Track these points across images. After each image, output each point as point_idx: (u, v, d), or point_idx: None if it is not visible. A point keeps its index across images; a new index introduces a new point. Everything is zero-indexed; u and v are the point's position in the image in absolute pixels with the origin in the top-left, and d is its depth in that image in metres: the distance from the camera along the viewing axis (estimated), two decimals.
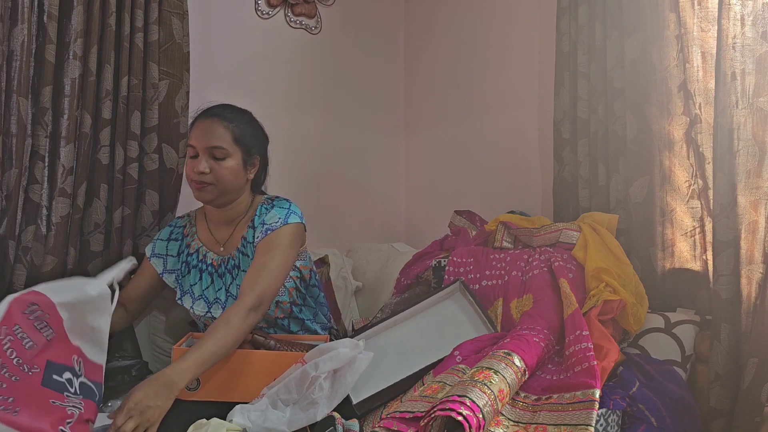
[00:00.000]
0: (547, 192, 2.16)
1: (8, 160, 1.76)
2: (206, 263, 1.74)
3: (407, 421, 1.28)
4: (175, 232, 1.83)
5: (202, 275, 1.75)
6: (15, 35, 1.75)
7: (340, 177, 2.55)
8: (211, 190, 1.63)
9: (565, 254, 1.74)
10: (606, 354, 1.43)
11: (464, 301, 1.71)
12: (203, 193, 1.64)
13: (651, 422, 1.39)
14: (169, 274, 1.79)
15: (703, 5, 1.67)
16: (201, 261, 1.75)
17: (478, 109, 2.48)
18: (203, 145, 1.62)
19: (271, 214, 1.67)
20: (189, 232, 1.81)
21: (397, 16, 2.79)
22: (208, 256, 1.75)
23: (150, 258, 1.80)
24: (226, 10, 2.33)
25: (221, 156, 1.62)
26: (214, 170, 1.62)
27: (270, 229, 1.64)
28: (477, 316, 1.67)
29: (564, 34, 2.01)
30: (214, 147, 1.62)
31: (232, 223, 1.74)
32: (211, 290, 1.73)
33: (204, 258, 1.75)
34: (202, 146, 1.62)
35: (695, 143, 1.69)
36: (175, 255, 1.80)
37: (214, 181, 1.62)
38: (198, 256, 1.76)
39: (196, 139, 1.64)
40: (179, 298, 1.76)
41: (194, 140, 1.64)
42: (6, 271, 1.79)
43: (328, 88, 2.59)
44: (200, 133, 1.63)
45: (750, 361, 1.46)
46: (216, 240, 1.75)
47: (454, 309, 1.70)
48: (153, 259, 1.80)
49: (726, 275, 1.52)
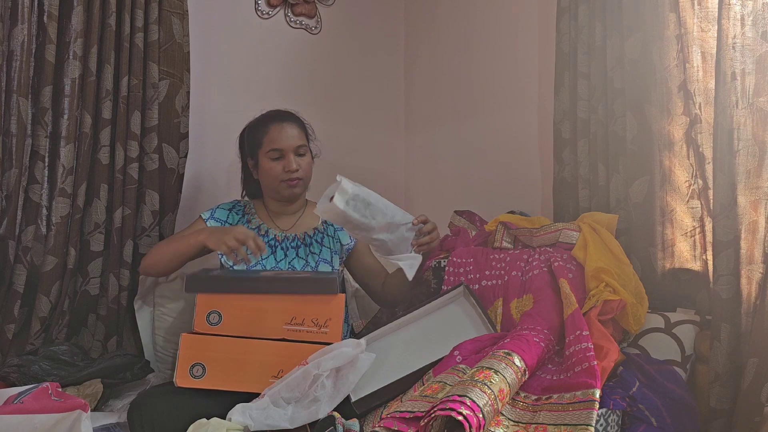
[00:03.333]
0: (547, 192, 2.15)
1: (8, 160, 1.76)
2: (268, 237, 1.84)
3: (407, 421, 1.28)
4: (236, 207, 1.91)
5: None
6: (15, 35, 1.75)
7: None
8: (301, 185, 1.84)
9: (564, 254, 1.73)
10: (606, 354, 1.43)
11: (468, 305, 1.70)
12: (295, 189, 1.83)
13: (651, 422, 1.39)
14: None
15: (703, 5, 1.67)
16: (263, 235, 1.85)
17: (478, 109, 2.48)
18: (291, 146, 1.81)
19: None
20: (249, 211, 1.91)
21: (397, 16, 2.79)
22: (270, 231, 1.86)
23: (207, 220, 1.85)
24: (226, 10, 2.33)
25: (303, 153, 1.83)
26: (301, 166, 1.82)
27: None
28: (480, 320, 1.67)
29: (564, 34, 2.00)
30: (299, 146, 1.82)
31: (294, 214, 1.91)
32: (271, 260, 1.82)
33: (266, 233, 1.85)
34: (290, 147, 1.80)
35: (695, 143, 1.69)
36: (235, 223, 1.85)
37: (302, 176, 1.83)
38: (260, 231, 1.85)
39: (282, 141, 1.80)
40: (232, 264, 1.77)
41: (280, 143, 1.80)
42: (6, 271, 1.80)
43: (328, 88, 2.58)
44: (285, 135, 1.81)
45: (750, 361, 1.46)
46: (276, 225, 1.88)
47: (458, 313, 1.69)
48: (210, 221, 1.85)
49: (726, 275, 1.51)
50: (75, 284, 1.92)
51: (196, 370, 1.46)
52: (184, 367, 1.48)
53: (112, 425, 1.53)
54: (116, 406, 1.70)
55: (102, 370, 1.69)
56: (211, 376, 1.48)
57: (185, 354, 1.49)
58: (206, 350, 1.50)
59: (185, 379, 1.46)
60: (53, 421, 1.30)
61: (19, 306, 1.80)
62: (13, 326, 1.78)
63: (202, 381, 1.48)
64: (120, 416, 1.57)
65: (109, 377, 1.70)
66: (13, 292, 1.79)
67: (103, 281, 1.96)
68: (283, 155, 1.80)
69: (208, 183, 2.26)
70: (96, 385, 1.65)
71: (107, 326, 1.96)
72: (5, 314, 1.79)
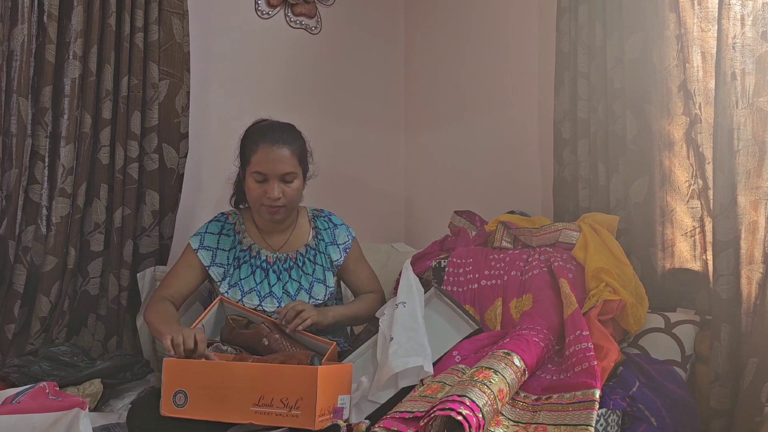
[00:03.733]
0: (547, 192, 2.15)
1: (8, 160, 1.76)
2: (260, 259, 1.79)
3: (407, 421, 1.28)
4: (226, 227, 1.83)
5: (255, 270, 1.78)
6: (15, 35, 1.75)
7: (340, 177, 2.55)
8: (283, 211, 1.74)
9: (564, 254, 1.73)
10: (606, 354, 1.43)
11: (442, 305, 1.68)
12: (276, 215, 1.74)
13: (651, 422, 1.39)
14: (217, 267, 1.78)
15: (703, 5, 1.67)
16: (254, 257, 1.79)
17: (478, 109, 2.48)
18: (277, 172, 1.69)
19: (338, 232, 1.87)
20: (240, 229, 1.83)
21: (397, 16, 2.79)
22: (261, 252, 1.80)
23: (197, 250, 1.78)
24: (226, 10, 2.33)
25: (290, 179, 1.72)
26: (285, 193, 1.71)
27: (347, 248, 1.86)
28: (459, 317, 1.66)
29: (564, 33, 2.00)
30: (286, 173, 1.70)
31: (285, 231, 1.83)
32: (264, 285, 1.77)
33: (258, 254, 1.79)
34: (275, 173, 1.69)
35: (695, 143, 1.69)
36: (227, 249, 1.80)
37: (285, 203, 1.72)
38: (251, 252, 1.80)
39: (266, 166, 1.69)
40: (225, 291, 1.76)
41: (265, 167, 1.69)
42: (6, 271, 1.80)
43: (328, 88, 2.58)
44: (270, 161, 1.69)
45: (750, 361, 1.46)
46: (268, 244, 1.82)
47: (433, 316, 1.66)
48: (201, 251, 1.78)
49: (726, 275, 1.51)
50: (75, 284, 1.92)
51: (179, 398, 1.39)
52: (167, 395, 1.40)
53: (112, 425, 1.52)
54: (116, 406, 1.70)
55: (102, 370, 1.69)
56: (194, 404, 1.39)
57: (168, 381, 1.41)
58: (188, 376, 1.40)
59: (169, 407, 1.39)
60: (51, 419, 1.29)
61: (19, 306, 1.80)
62: (13, 326, 1.78)
63: (184, 410, 1.39)
64: (120, 416, 1.57)
65: (109, 377, 1.70)
66: (13, 292, 1.79)
67: (103, 281, 1.96)
68: (266, 179, 1.70)
69: (208, 183, 2.26)
70: (96, 385, 1.65)
71: (107, 326, 1.96)
72: (5, 314, 1.79)
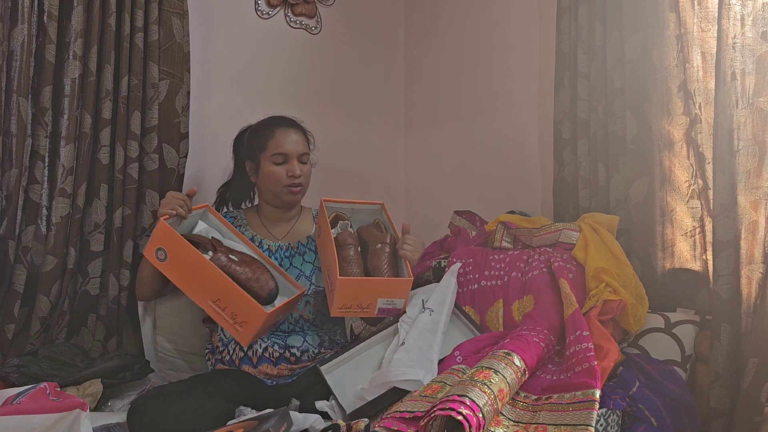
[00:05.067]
0: (547, 192, 2.15)
1: (8, 160, 1.76)
2: (262, 248, 1.84)
3: (407, 421, 1.28)
4: (228, 218, 1.89)
5: None
6: (15, 35, 1.75)
7: (340, 177, 2.55)
8: (302, 191, 1.86)
9: (564, 254, 1.73)
10: (606, 354, 1.43)
11: None
12: (297, 195, 1.85)
13: (651, 422, 1.39)
14: None
15: (703, 5, 1.67)
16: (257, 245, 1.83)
17: (478, 109, 2.48)
18: (296, 152, 1.83)
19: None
20: (242, 223, 1.89)
21: (397, 16, 2.79)
22: (264, 242, 1.86)
23: None
24: (226, 10, 2.33)
25: (305, 161, 1.86)
26: (304, 173, 1.84)
27: None
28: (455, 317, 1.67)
29: (564, 34, 2.01)
30: (302, 153, 1.84)
31: (290, 221, 1.92)
32: None
33: (260, 244, 1.85)
34: (295, 152, 1.83)
35: (695, 143, 1.69)
36: None
37: (303, 183, 1.85)
38: (253, 242, 1.83)
39: (287, 146, 1.82)
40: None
41: (285, 148, 1.82)
42: (6, 271, 1.79)
43: (328, 88, 2.58)
44: (291, 142, 1.83)
45: (750, 361, 1.46)
46: (271, 234, 1.88)
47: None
48: None
49: (726, 275, 1.52)
50: (75, 284, 1.92)
51: (160, 254, 1.54)
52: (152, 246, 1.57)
53: (112, 425, 1.52)
54: (116, 406, 1.70)
55: (102, 370, 1.69)
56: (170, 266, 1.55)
57: (156, 236, 1.56)
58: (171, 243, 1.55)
59: (151, 255, 1.56)
60: (52, 420, 1.29)
61: (19, 306, 1.80)
62: (13, 326, 1.78)
63: (162, 265, 1.56)
64: (120, 416, 1.57)
65: (109, 377, 1.70)
66: (13, 292, 1.79)
67: (103, 281, 1.96)
68: (287, 160, 1.81)
69: (208, 183, 2.26)
70: (96, 385, 1.65)
71: (107, 326, 1.96)
72: (5, 314, 1.79)
